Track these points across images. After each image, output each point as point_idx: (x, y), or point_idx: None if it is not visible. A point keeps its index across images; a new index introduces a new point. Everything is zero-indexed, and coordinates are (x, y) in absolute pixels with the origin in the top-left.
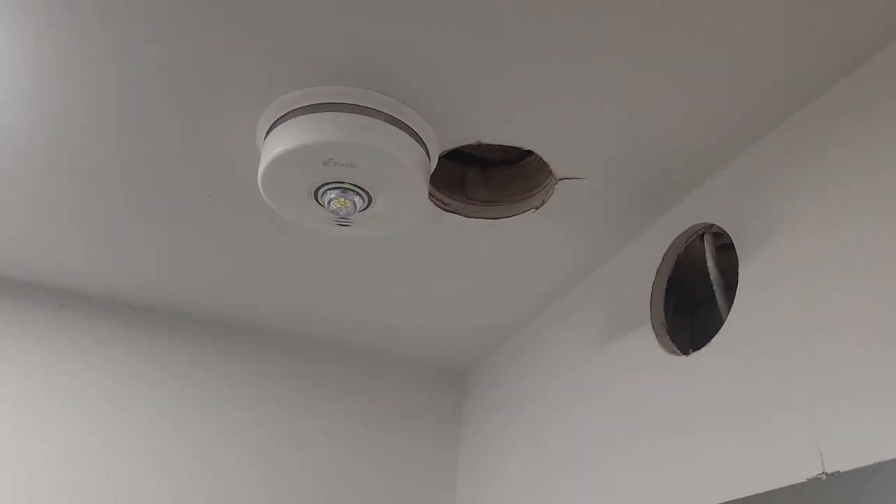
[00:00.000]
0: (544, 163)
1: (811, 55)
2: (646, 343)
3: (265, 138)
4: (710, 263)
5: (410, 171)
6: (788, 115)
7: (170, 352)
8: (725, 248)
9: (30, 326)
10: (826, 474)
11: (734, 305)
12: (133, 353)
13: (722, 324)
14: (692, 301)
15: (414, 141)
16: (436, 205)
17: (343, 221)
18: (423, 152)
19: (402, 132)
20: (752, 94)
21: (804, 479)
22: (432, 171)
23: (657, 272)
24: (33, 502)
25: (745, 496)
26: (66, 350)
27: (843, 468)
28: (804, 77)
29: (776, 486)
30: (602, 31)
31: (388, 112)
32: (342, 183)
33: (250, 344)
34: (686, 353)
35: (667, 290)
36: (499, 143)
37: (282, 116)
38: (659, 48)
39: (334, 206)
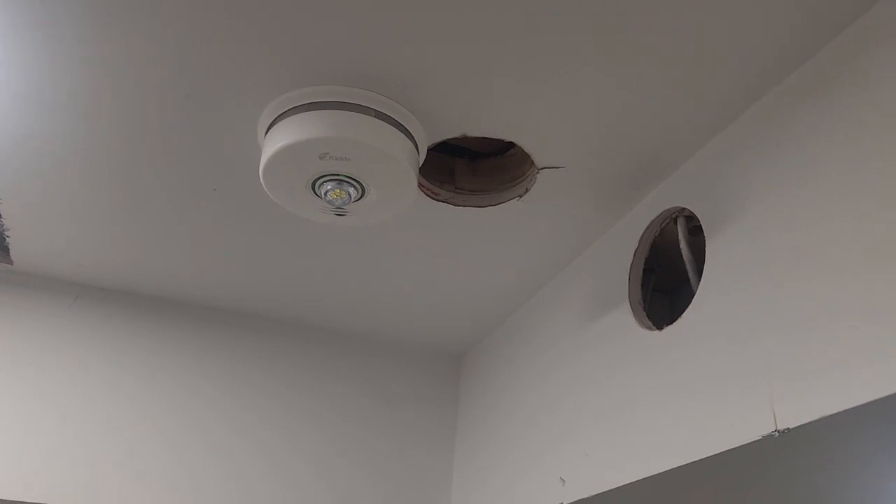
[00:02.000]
0: (527, 153)
1: (771, 43)
2: (624, 320)
3: (266, 134)
4: (683, 245)
5: (400, 162)
6: (751, 102)
7: (175, 340)
8: (698, 231)
9: (46, 317)
10: (778, 431)
11: (700, 282)
12: (141, 342)
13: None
14: (672, 281)
15: (403, 135)
16: (426, 194)
17: (339, 211)
18: (412, 145)
19: (391, 127)
20: (717, 84)
21: (759, 437)
22: (421, 162)
23: (634, 254)
24: (52, 486)
25: (707, 456)
26: (79, 340)
27: (792, 425)
28: (765, 65)
29: (735, 445)
30: (577, 33)
31: (378, 109)
32: (338, 175)
33: (246, 329)
34: (660, 327)
35: (647, 271)
36: (482, 135)
37: (281, 114)
38: (631, 45)
39: (330, 196)
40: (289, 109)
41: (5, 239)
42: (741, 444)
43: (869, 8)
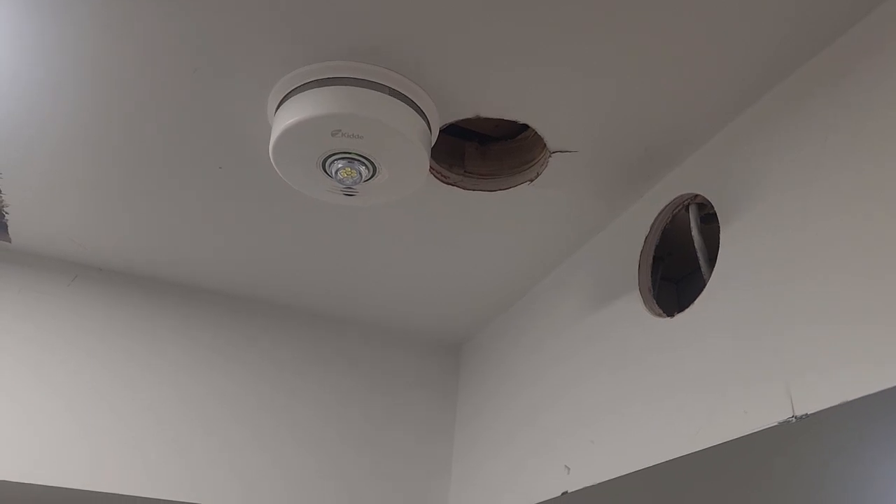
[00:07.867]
0: (539, 137)
1: (790, 28)
2: (633, 307)
3: (276, 111)
4: (695, 232)
5: (413, 141)
6: (768, 89)
7: (173, 322)
8: (710, 219)
9: (43, 296)
10: (795, 417)
11: (714, 269)
12: (139, 324)
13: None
14: (680, 270)
15: (416, 114)
16: (436, 177)
17: (349, 191)
18: (425, 125)
19: (405, 105)
20: (733, 69)
21: (776, 423)
22: (433, 143)
23: (645, 241)
24: (50, 467)
25: (723, 442)
26: (76, 320)
27: (810, 410)
28: (780, 53)
29: (751, 431)
30: (595, 13)
31: (392, 86)
32: (349, 153)
33: (245, 313)
34: (671, 315)
35: (656, 259)
36: (496, 116)
37: (292, 90)
38: (647, 28)
39: (341, 175)
40: (300, 85)
41: (4, 216)
42: (757, 430)
43: None
